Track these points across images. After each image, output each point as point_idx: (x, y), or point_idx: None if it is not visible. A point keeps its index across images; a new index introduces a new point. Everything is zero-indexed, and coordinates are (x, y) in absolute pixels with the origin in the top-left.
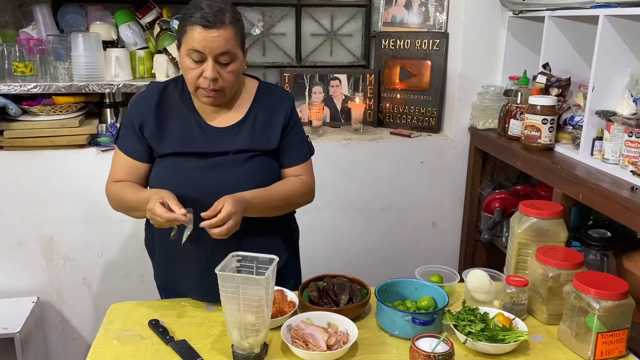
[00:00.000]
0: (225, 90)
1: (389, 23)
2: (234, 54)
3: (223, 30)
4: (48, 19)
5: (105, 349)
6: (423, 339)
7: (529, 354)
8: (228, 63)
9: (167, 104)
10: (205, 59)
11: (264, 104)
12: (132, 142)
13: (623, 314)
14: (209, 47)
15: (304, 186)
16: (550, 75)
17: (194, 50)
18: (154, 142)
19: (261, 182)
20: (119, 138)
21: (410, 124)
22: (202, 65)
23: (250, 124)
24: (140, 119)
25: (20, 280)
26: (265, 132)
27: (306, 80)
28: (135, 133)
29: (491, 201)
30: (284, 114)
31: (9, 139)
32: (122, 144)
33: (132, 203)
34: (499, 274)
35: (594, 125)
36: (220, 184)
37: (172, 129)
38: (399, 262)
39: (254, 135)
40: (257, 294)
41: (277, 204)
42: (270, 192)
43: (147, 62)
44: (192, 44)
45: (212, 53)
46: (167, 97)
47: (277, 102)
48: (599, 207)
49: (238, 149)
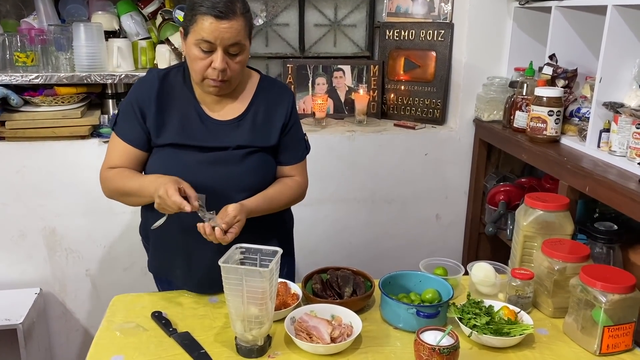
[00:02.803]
0: (231, 81)
1: (393, 13)
2: (243, 45)
3: (235, 21)
4: (49, 9)
5: (108, 341)
6: (428, 331)
7: (535, 348)
8: (237, 54)
9: (168, 92)
10: (214, 50)
11: (265, 99)
12: (132, 129)
13: (630, 308)
14: (220, 37)
15: (299, 189)
16: (556, 66)
17: (204, 41)
18: (153, 131)
19: (258, 178)
20: (117, 124)
21: (414, 116)
22: (211, 56)
23: (250, 119)
24: (141, 106)
25: (23, 271)
26: (265, 128)
27: (309, 71)
28: (136, 119)
29: (496, 194)
30: (285, 111)
31: (10, 130)
32: (120, 131)
33: (131, 189)
34: (503, 267)
35: (601, 117)
36: (219, 178)
37: (173, 119)
38: (403, 254)
39: (254, 131)
40: (261, 286)
41: (274, 210)
42: (271, 200)
43: (149, 53)
44: (202, 34)
45: (222, 44)
46: (169, 85)
47: (277, 98)
48: (605, 199)
49: (238, 145)
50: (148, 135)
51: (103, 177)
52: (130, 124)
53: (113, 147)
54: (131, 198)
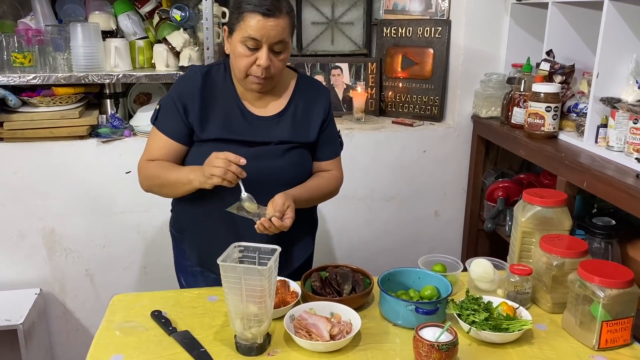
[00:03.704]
0: (273, 78)
1: (391, 11)
2: (287, 42)
3: (281, 19)
4: (46, 9)
5: (107, 340)
6: (427, 328)
7: (533, 343)
8: (280, 52)
9: (210, 89)
10: (260, 47)
11: (304, 96)
12: (174, 123)
13: (628, 302)
14: (267, 35)
15: (336, 183)
16: (553, 62)
17: (251, 38)
18: (197, 126)
19: (298, 173)
20: (158, 119)
21: (412, 113)
22: (256, 53)
23: (290, 115)
24: (184, 101)
25: (23, 272)
26: (304, 125)
27: (307, 69)
28: (178, 114)
29: (494, 190)
30: (324, 108)
31: (8, 131)
32: (162, 124)
33: (170, 178)
34: (502, 263)
35: (599, 112)
36: (261, 173)
37: (216, 114)
38: (401, 251)
39: (294, 127)
40: (260, 285)
41: (313, 202)
42: (311, 191)
43: (146, 52)
44: (249, 32)
45: (268, 41)
46: (211, 81)
47: (315, 95)
48: (603, 195)
49: (280, 140)
50: (189, 129)
51: (141, 167)
52: (172, 118)
53: (153, 141)
54: (170, 189)
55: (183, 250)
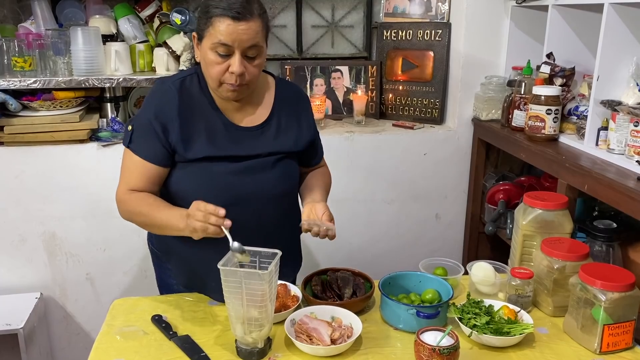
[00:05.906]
0: (249, 85)
1: (391, 14)
2: (261, 47)
3: (252, 22)
4: (47, 13)
5: (108, 345)
6: (428, 332)
7: (535, 347)
8: (255, 57)
9: (188, 103)
10: (232, 53)
11: (286, 104)
12: (153, 146)
13: (629, 306)
14: (238, 40)
15: (330, 175)
16: (554, 65)
17: (221, 44)
18: (180, 147)
19: (290, 184)
20: (133, 142)
21: (412, 116)
22: (229, 60)
23: (274, 125)
24: (162, 121)
25: (23, 276)
26: (289, 134)
27: (307, 72)
28: (156, 136)
29: (495, 193)
30: (308, 116)
31: (9, 135)
32: (139, 148)
33: (159, 221)
34: (503, 266)
35: (599, 115)
36: (254, 187)
37: (198, 131)
38: (402, 255)
39: (280, 137)
40: (260, 289)
41: None
42: (326, 188)
43: (147, 56)
44: (219, 37)
45: (240, 47)
46: (188, 94)
47: (297, 103)
48: (604, 197)
49: (269, 152)
50: (171, 151)
51: (123, 200)
52: (150, 141)
53: (131, 166)
54: (154, 229)
55: (168, 269)
